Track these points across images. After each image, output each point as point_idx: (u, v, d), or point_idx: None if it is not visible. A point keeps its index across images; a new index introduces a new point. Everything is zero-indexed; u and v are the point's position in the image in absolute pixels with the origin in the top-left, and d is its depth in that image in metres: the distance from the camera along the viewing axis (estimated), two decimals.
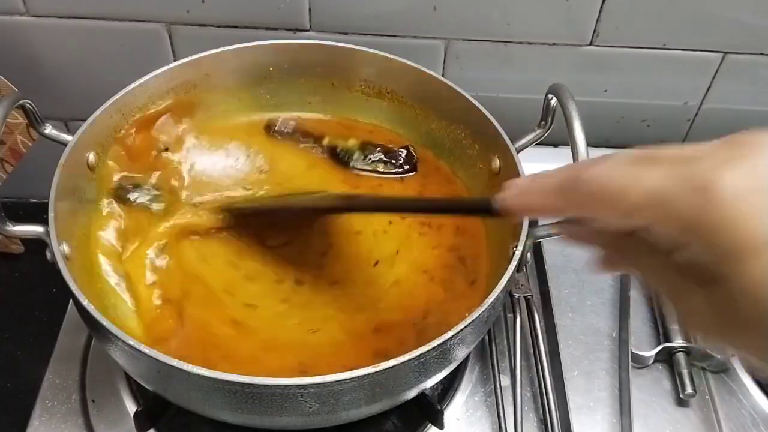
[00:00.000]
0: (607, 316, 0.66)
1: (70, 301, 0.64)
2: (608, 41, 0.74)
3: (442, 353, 0.47)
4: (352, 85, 0.68)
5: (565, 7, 0.71)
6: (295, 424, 0.48)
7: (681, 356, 0.62)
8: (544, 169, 0.34)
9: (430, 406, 0.55)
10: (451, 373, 0.58)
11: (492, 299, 0.48)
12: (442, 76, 0.67)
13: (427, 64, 0.64)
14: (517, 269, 0.50)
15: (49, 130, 0.56)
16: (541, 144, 0.58)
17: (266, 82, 0.68)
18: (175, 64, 0.63)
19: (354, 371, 0.43)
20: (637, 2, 0.71)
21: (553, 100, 0.55)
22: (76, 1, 0.69)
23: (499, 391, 0.60)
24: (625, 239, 0.33)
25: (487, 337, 0.63)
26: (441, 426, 0.56)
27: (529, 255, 0.53)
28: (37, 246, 0.50)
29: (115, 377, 0.60)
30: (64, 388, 0.60)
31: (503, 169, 0.59)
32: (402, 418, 0.58)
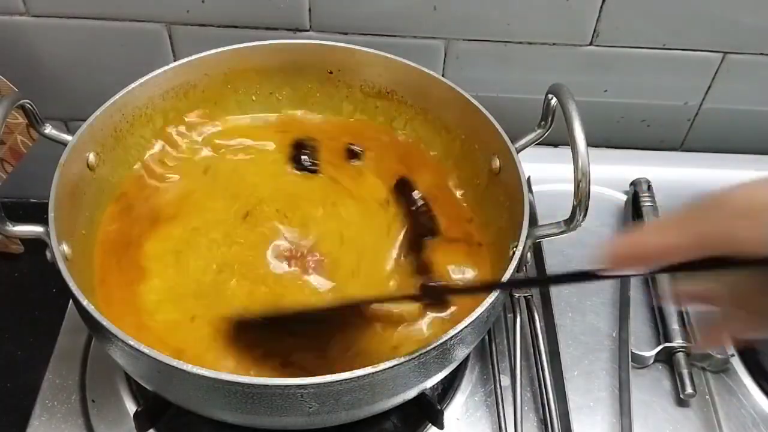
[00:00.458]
0: (607, 316, 0.66)
1: (70, 301, 0.64)
2: (608, 41, 0.74)
3: (442, 353, 0.47)
4: (352, 85, 0.68)
5: (565, 7, 0.71)
6: (295, 424, 0.48)
7: (681, 356, 0.62)
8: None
9: (430, 406, 0.55)
10: (451, 373, 0.58)
11: (492, 299, 0.48)
12: (442, 76, 0.67)
13: (427, 64, 0.64)
14: (517, 269, 0.50)
15: (49, 130, 0.56)
16: (541, 144, 0.58)
17: (266, 82, 0.68)
18: (175, 64, 0.63)
19: (354, 371, 0.43)
20: (637, 2, 0.71)
21: (553, 100, 0.55)
22: (76, 1, 0.69)
23: (499, 391, 0.60)
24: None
25: (487, 337, 0.63)
26: (441, 426, 0.56)
27: (529, 255, 0.53)
28: (37, 246, 0.50)
29: (115, 377, 0.60)
30: (64, 388, 0.60)
31: (503, 169, 0.59)
32: (402, 418, 0.58)
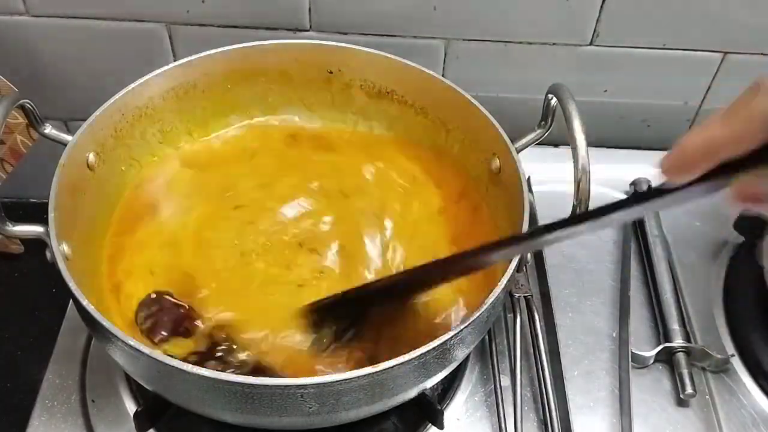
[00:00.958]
0: (607, 316, 0.66)
1: (70, 301, 0.64)
2: (608, 41, 0.74)
3: (442, 353, 0.47)
4: (352, 85, 0.68)
5: (565, 8, 0.71)
6: (295, 424, 0.48)
7: (681, 356, 0.62)
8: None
9: (430, 406, 0.55)
10: (451, 373, 0.58)
11: (492, 299, 0.48)
12: (442, 76, 0.67)
13: (427, 64, 0.64)
14: (517, 269, 0.50)
15: (49, 130, 0.56)
16: (541, 144, 0.58)
17: (266, 83, 0.68)
18: (175, 64, 0.63)
19: (354, 371, 0.43)
20: (637, 2, 0.71)
21: (553, 100, 0.55)
22: (76, 1, 0.69)
23: (499, 391, 0.60)
24: None
25: (487, 337, 0.63)
26: (441, 426, 0.56)
27: (529, 255, 0.53)
28: (37, 246, 0.50)
29: (115, 377, 0.60)
30: (64, 388, 0.60)
31: (503, 169, 0.59)
32: (402, 418, 0.58)
